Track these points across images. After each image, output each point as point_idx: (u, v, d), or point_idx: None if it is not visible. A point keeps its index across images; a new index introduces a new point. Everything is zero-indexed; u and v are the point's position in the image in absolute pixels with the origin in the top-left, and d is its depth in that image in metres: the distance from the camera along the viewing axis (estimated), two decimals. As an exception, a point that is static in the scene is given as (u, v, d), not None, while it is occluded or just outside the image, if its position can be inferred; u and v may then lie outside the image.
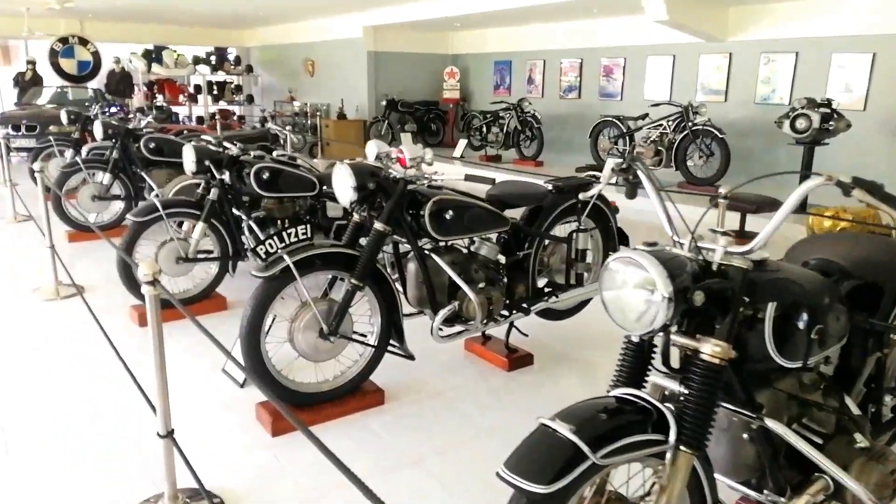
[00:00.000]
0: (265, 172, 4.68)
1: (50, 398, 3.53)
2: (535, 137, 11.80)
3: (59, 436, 3.17)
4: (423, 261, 3.45)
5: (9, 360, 4.00)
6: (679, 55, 10.62)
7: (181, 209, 4.58)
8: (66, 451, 3.07)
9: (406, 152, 3.25)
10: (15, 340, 4.31)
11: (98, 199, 6.85)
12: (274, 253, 3.12)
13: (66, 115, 8.91)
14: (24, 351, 4.14)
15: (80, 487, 2.78)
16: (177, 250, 4.58)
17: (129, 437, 3.17)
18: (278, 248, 3.12)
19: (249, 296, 3.16)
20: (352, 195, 3.21)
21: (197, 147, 4.57)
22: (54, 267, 5.15)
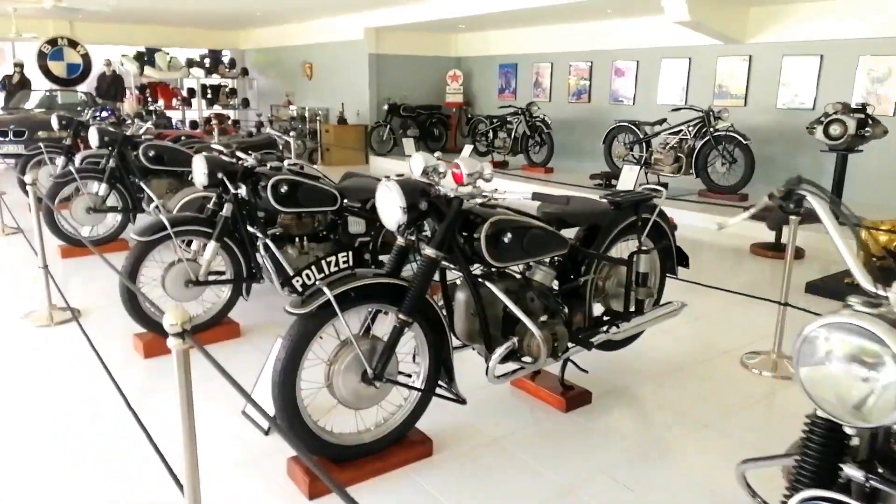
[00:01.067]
0: (283, 186, 4.24)
1: (44, 440, 3.07)
2: (545, 143, 11.41)
3: (54, 485, 2.72)
4: (476, 290, 3.02)
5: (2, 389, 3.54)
6: (695, 58, 10.26)
7: (191, 227, 4.13)
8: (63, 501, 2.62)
9: (463, 167, 2.82)
10: (4, 373, 3.84)
11: (93, 212, 6.37)
12: (312, 285, 2.68)
13: (56, 120, 8.43)
14: (15, 386, 3.68)
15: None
16: (186, 272, 4.13)
17: (137, 489, 2.72)
18: (317, 280, 2.67)
19: (284, 335, 2.73)
20: (401, 217, 2.77)
21: (209, 158, 4.13)
22: (48, 289, 4.68)
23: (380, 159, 13.67)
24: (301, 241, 4.57)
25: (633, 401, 3.62)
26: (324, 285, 2.66)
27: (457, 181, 2.86)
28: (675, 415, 3.45)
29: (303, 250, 4.55)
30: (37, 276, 5.41)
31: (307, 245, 4.59)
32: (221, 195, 4.28)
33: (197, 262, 4.21)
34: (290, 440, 1.71)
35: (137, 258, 3.99)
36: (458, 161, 2.86)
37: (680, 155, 9.15)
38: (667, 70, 10.66)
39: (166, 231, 4.00)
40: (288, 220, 4.53)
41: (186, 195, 4.84)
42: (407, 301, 2.79)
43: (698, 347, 4.34)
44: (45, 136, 11.73)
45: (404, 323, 2.80)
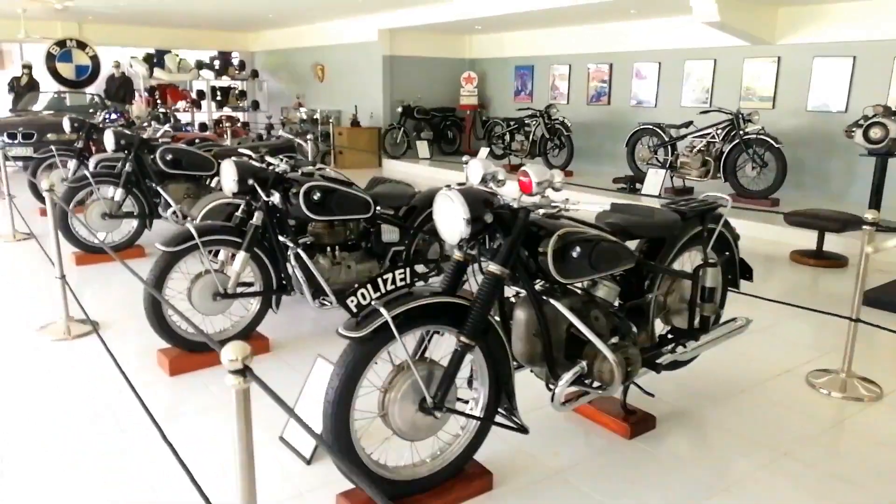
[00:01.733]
0: (316, 192, 4.00)
1: (68, 464, 2.82)
2: (564, 146, 11.15)
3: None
4: (540, 308, 2.77)
5: (16, 418, 3.29)
6: (721, 59, 10.00)
7: (219, 236, 3.88)
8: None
9: (533, 174, 2.56)
10: (22, 393, 3.59)
11: (109, 218, 6.14)
12: (367, 305, 2.42)
13: (68, 122, 8.20)
14: (35, 406, 3.43)
15: None
16: (214, 285, 3.88)
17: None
18: (372, 300, 2.42)
19: (336, 362, 2.47)
20: (464, 230, 2.52)
21: (239, 164, 3.88)
22: (65, 301, 4.43)
23: (393, 162, 13.43)
24: (333, 250, 4.32)
25: (700, 426, 3.36)
26: (380, 305, 2.41)
27: (524, 190, 2.60)
28: (748, 442, 3.18)
29: (335, 260, 4.30)
30: (52, 284, 5.18)
31: (339, 255, 4.34)
32: (251, 203, 4.03)
33: (225, 273, 3.96)
34: (355, 476, 1.45)
35: (163, 269, 3.74)
36: (526, 168, 2.60)
37: (708, 158, 8.89)
38: (691, 72, 10.40)
39: (193, 241, 3.75)
40: (319, 229, 4.28)
41: (210, 202, 4.60)
42: (469, 322, 2.54)
43: (759, 365, 4.07)
44: (55, 139, 11.52)
45: (467, 346, 2.55)
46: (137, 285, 5.37)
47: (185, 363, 3.85)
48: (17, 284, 5.54)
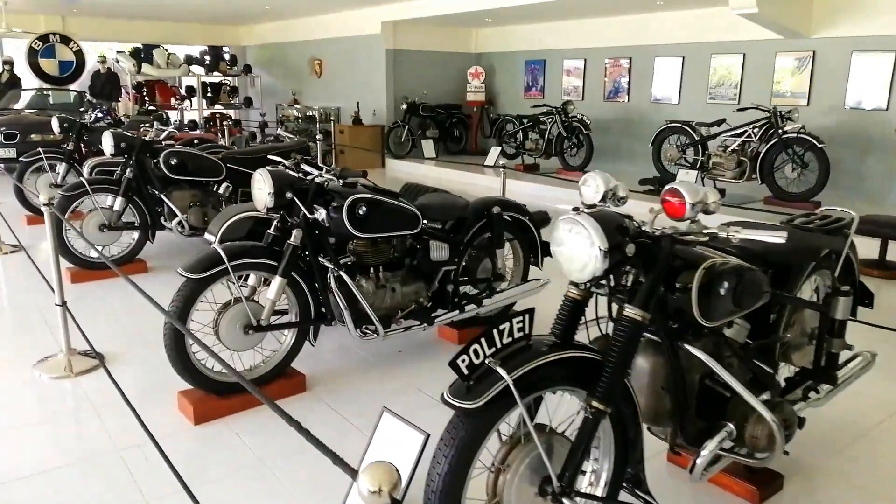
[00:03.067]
0: (361, 206, 3.43)
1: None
2: (583, 145, 10.61)
3: None
4: (675, 356, 2.23)
5: (12, 476, 2.69)
6: (750, 53, 9.51)
7: (252, 259, 3.29)
8: None
9: (686, 194, 2.02)
10: (18, 444, 3.00)
11: (108, 229, 5.52)
12: (480, 365, 1.87)
13: (58, 122, 7.53)
14: (33, 460, 2.84)
15: None
16: (245, 315, 3.30)
17: None
18: (486, 356, 1.86)
19: (440, 438, 1.92)
20: (599, 265, 1.96)
21: (276, 174, 3.29)
22: (66, 332, 3.83)
23: (397, 162, 12.84)
24: (377, 271, 3.75)
25: (835, 484, 2.83)
26: (496, 364, 1.86)
27: (674, 214, 2.06)
28: (884, 498, 2.67)
29: (379, 282, 3.73)
30: (48, 307, 4.57)
31: (383, 275, 3.77)
32: (286, 219, 3.45)
33: (257, 301, 3.38)
34: None
35: (188, 299, 3.16)
36: (676, 186, 2.05)
37: (743, 159, 8.39)
38: (717, 67, 9.90)
39: (223, 265, 3.17)
40: (361, 248, 3.70)
41: (231, 216, 4.01)
42: (604, 383, 2.00)
43: (875, 402, 3.56)
44: (39, 139, 10.81)
45: (600, 413, 2.00)
46: (142, 305, 4.78)
47: (212, 409, 3.27)
48: (7, 308, 4.91)
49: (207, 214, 5.79)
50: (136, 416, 2.92)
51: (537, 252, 4.45)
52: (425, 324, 3.84)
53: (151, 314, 4.63)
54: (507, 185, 10.70)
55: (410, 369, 3.88)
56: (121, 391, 3.15)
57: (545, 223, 4.51)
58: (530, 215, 4.36)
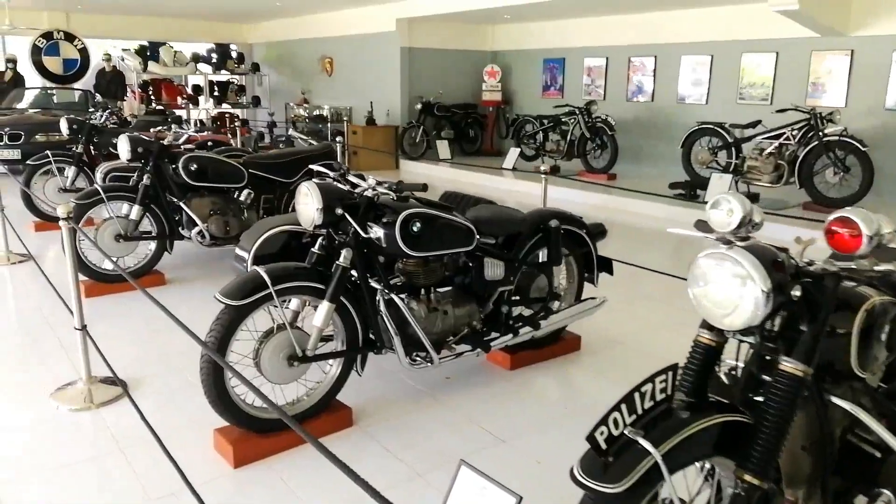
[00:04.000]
0: (416, 222, 3.09)
1: None
2: (607, 146, 10.26)
3: None
4: (824, 409, 1.88)
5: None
6: (784, 52, 9.16)
7: (297, 282, 2.95)
8: None
9: (861, 224, 1.67)
10: (37, 490, 2.66)
11: (124, 240, 5.17)
12: (619, 437, 1.52)
13: (66, 124, 7.20)
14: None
15: None
16: (291, 345, 2.96)
17: None
18: (626, 426, 1.52)
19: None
20: (761, 309, 1.61)
21: (325, 188, 2.94)
22: (86, 359, 3.48)
23: (412, 163, 12.49)
24: (428, 292, 3.41)
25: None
26: (639, 435, 1.52)
27: (844, 248, 1.71)
28: None
29: (430, 305, 3.39)
30: (63, 327, 4.23)
31: (434, 297, 3.43)
32: (332, 236, 3.11)
33: (300, 329, 3.04)
34: None
35: (228, 328, 2.81)
36: (848, 214, 1.71)
37: (781, 162, 8.05)
38: (748, 66, 9.55)
39: (266, 290, 2.82)
40: (413, 267, 3.36)
41: (265, 230, 3.66)
42: (758, 453, 1.66)
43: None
44: (45, 140, 10.49)
45: (753, 489, 1.65)
46: (163, 323, 4.45)
47: (253, 449, 2.93)
48: (19, 327, 4.56)
49: (229, 223, 5.45)
50: (171, 459, 2.58)
51: (593, 268, 4.11)
52: (480, 349, 3.50)
53: (175, 333, 4.29)
54: (523, 187, 10.39)
55: (463, 399, 3.54)
56: (150, 428, 2.80)
57: (601, 236, 4.17)
58: (587, 228, 4.02)
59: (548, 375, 3.86)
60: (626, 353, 4.18)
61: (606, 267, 4.16)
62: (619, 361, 4.05)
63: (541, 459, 2.95)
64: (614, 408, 1.53)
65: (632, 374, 3.87)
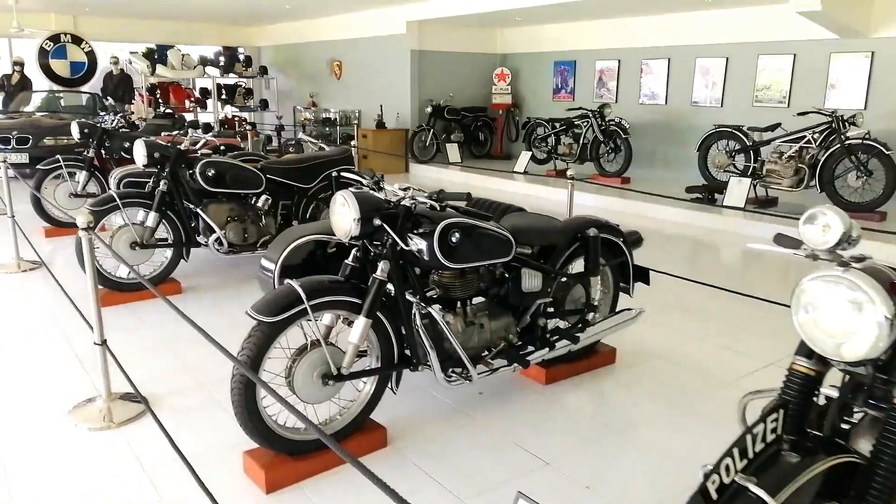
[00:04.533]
0: (455, 232, 2.95)
1: None
2: (621, 150, 10.13)
3: None
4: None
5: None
6: (802, 54, 9.02)
7: (333, 297, 2.81)
8: None
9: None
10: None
11: (140, 247, 5.04)
12: (730, 484, 1.38)
13: (77, 128, 7.08)
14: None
15: None
16: (325, 363, 2.82)
17: None
18: (737, 472, 1.38)
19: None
20: (887, 337, 1.47)
21: (363, 197, 2.81)
22: (105, 376, 3.35)
23: (421, 167, 12.38)
24: (464, 305, 3.27)
25: None
26: (752, 483, 1.37)
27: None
28: None
29: (467, 318, 3.25)
30: (76, 335, 4.10)
31: (470, 310, 3.29)
32: (368, 248, 2.97)
33: (334, 344, 2.90)
34: None
35: (262, 346, 2.67)
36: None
37: (801, 166, 7.91)
38: (765, 68, 9.42)
39: (301, 305, 2.69)
40: (449, 279, 3.22)
41: (293, 240, 3.52)
42: (875, 493, 1.51)
43: None
44: (53, 144, 10.39)
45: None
46: (182, 334, 4.32)
47: (286, 473, 2.80)
48: (33, 338, 4.43)
49: (247, 230, 5.32)
50: (201, 484, 2.44)
51: (629, 278, 3.97)
52: (517, 364, 3.36)
53: (195, 345, 4.17)
54: (536, 190, 10.26)
55: (499, 417, 3.40)
56: (178, 450, 2.66)
57: (638, 244, 4.03)
58: (624, 237, 3.88)
59: (584, 390, 3.72)
60: (662, 366, 4.04)
61: (642, 276, 4.03)
62: (656, 375, 3.91)
63: (590, 484, 2.81)
64: (726, 453, 1.39)
65: (670, 389, 3.73)
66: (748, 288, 5.24)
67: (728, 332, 4.62)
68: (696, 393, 3.70)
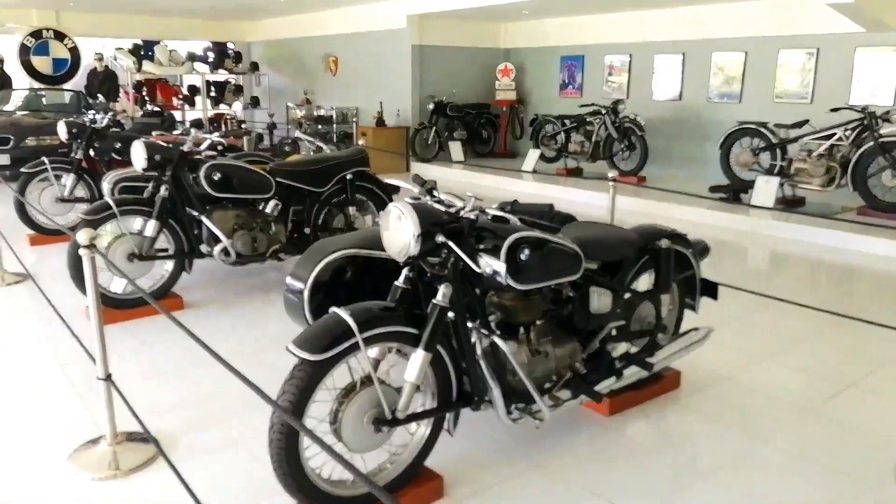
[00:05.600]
0: (524, 248, 2.51)
1: None
2: (636, 148, 9.72)
3: None
4: None
5: None
6: (825, 48, 8.66)
7: (388, 328, 2.36)
8: None
9: None
10: None
11: (139, 259, 4.56)
12: None
13: (65, 127, 6.55)
14: None
15: None
16: (377, 405, 2.37)
17: None
18: None
19: None
20: None
21: (423, 210, 2.35)
22: (111, 416, 2.88)
23: (423, 166, 11.90)
24: (528, 331, 2.83)
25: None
26: None
27: None
28: None
29: (531, 345, 2.81)
30: (71, 361, 3.63)
31: (534, 336, 2.85)
32: (420, 268, 2.52)
33: (386, 383, 2.45)
34: None
35: (305, 389, 2.22)
36: None
37: (832, 164, 7.55)
38: (786, 63, 9.05)
39: (353, 339, 2.24)
40: (510, 301, 2.78)
41: (325, 255, 3.04)
42: None
43: None
44: (36, 144, 9.83)
45: None
46: (189, 357, 3.85)
47: (333, 538, 2.34)
48: (22, 367, 3.92)
49: (257, 239, 4.85)
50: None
51: (695, 292, 3.55)
52: (586, 397, 2.93)
53: (206, 367, 3.71)
54: (545, 190, 9.85)
55: (564, 458, 2.96)
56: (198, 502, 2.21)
57: (704, 254, 3.62)
58: (692, 247, 3.46)
59: (652, 421, 3.30)
60: (732, 390, 3.63)
61: (709, 291, 3.61)
62: (727, 401, 3.50)
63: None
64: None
65: (747, 417, 3.32)
66: (794, 294, 4.85)
67: (792, 348, 4.21)
68: (777, 422, 3.28)
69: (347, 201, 5.40)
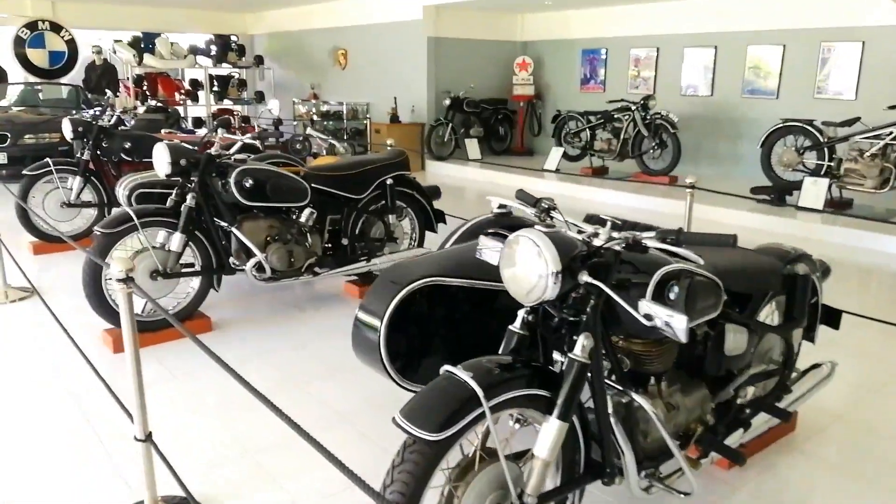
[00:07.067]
0: (673, 286, 2.03)
1: None
2: (667, 146, 9.25)
3: None
4: None
5: None
6: (871, 41, 8.20)
7: (516, 392, 1.87)
8: None
9: None
10: None
11: (163, 277, 4.05)
12: None
13: (70, 126, 6.02)
14: None
15: None
16: (502, 486, 1.89)
17: None
18: None
19: None
20: None
21: (560, 241, 1.86)
22: (151, 484, 2.38)
23: (439, 164, 11.41)
24: (658, 381, 2.35)
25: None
26: None
27: None
28: None
29: (663, 398, 2.33)
30: (94, 403, 3.12)
31: (664, 387, 2.37)
32: (565, 312, 2.02)
33: (517, 465, 1.96)
34: None
35: (422, 474, 1.74)
36: None
37: (887, 165, 7.10)
38: (828, 56, 8.59)
39: (480, 408, 1.75)
40: (642, 348, 2.29)
41: (402, 283, 2.50)
42: None
43: None
44: (34, 142, 9.29)
45: None
46: (224, 385, 3.36)
47: None
48: (34, 408, 3.42)
49: (293, 252, 4.34)
50: None
51: (815, 322, 3.08)
52: (717, 454, 2.46)
53: (244, 402, 3.21)
54: (572, 191, 9.37)
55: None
56: None
57: (825, 276, 3.14)
58: (817, 270, 2.99)
59: (772, 475, 2.83)
60: (851, 432, 3.16)
61: (829, 319, 3.14)
62: (848, 446, 3.04)
63: None
64: None
65: (871, 463, 2.86)
66: (872, 309, 4.39)
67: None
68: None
69: (387, 208, 4.91)
